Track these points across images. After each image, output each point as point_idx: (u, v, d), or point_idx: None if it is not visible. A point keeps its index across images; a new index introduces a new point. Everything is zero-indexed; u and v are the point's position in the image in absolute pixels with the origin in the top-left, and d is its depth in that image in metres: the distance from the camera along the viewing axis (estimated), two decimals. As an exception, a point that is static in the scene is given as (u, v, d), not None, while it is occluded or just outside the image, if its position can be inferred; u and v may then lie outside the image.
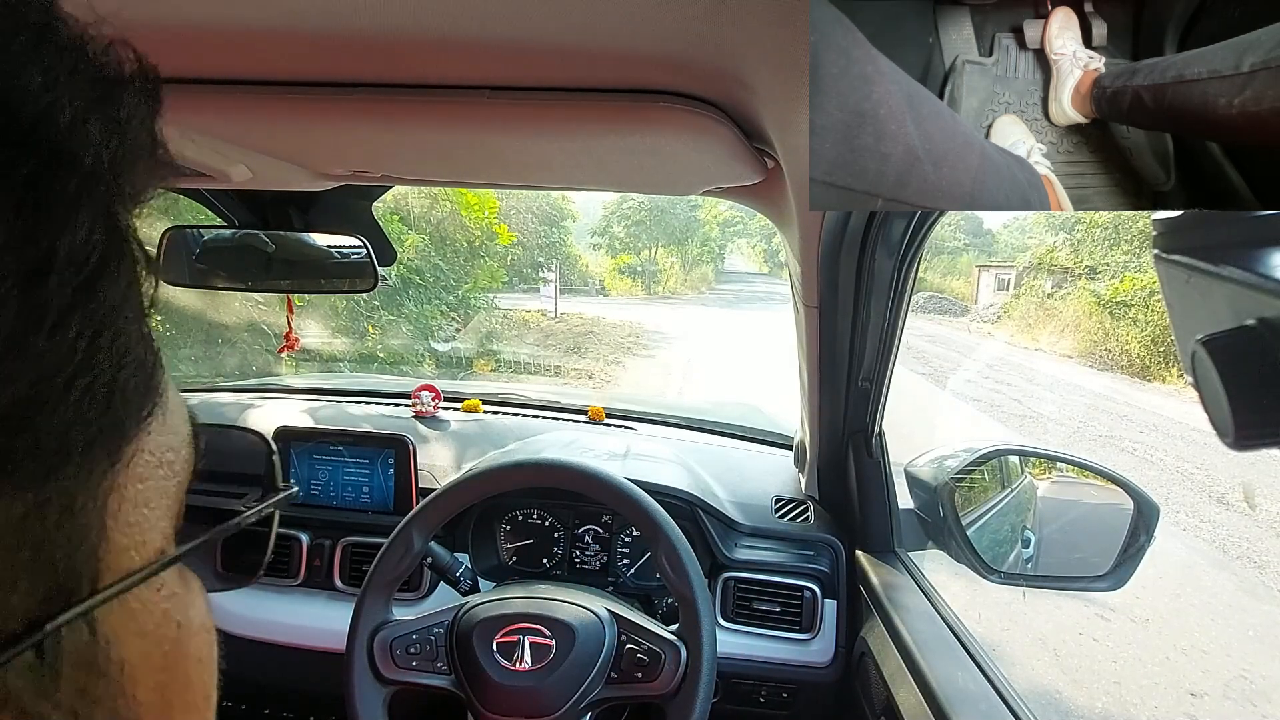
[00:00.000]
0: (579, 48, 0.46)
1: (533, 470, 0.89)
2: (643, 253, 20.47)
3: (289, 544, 1.13)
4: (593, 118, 0.56)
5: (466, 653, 0.81)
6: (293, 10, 0.43)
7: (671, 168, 0.68)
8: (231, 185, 0.84)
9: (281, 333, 1.35)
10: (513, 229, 9.79)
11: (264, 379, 1.93)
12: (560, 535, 1.17)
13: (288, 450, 1.18)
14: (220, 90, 0.55)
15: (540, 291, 12.77)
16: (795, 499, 1.17)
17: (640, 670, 0.80)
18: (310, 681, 1.10)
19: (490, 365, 7.86)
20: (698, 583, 0.81)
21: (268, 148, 0.72)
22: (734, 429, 1.49)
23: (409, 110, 0.57)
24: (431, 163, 0.75)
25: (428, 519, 0.88)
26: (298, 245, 1.13)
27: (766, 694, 1.02)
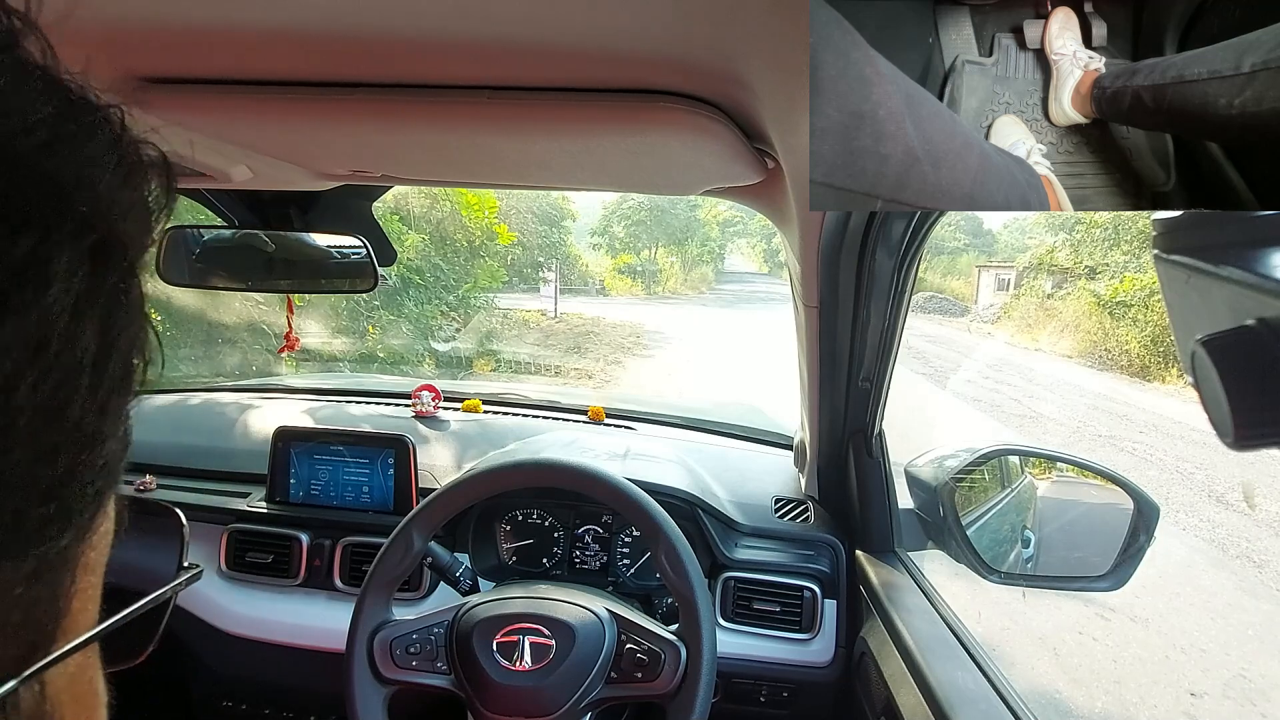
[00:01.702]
0: (579, 48, 0.46)
1: (533, 470, 0.89)
2: (643, 253, 20.47)
3: (289, 544, 1.13)
4: (593, 118, 0.56)
5: (466, 653, 0.81)
6: (293, 10, 0.43)
7: (671, 168, 0.68)
8: (232, 185, 0.84)
9: (281, 333, 1.35)
10: (513, 229, 9.79)
11: (264, 379, 1.93)
12: (560, 535, 1.17)
13: (288, 450, 1.18)
14: (220, 90, 0.55)
15: (540, 291, 12.76)
16: (795, 499, 1.17)
17: (640, 670, 0.80)
18: (310, 681, 1.10)
19: (490, 365, 7.85)
20: (698, 583, 0.81)
21: (268, 148, 0.72)
22: (734, 429, 1.49)
23: (409, 110, 0.57)
24: (431, 163, 0.75)
25: (428, 519, 0.88)
26: (298, 245, 1.13)
27: (766, 694, 1.02)
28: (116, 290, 0.17)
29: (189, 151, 0.70)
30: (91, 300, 0.16)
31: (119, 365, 0.18)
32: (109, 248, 0.17)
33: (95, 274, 0.16)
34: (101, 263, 0.17)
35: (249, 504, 1.18)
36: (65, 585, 0.18)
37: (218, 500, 1.19)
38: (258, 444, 1.26)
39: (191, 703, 1.19)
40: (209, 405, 1.50)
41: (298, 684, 1.13)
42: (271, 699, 1.18)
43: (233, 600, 1.11)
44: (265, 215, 1.10)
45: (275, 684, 1.14)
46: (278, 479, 1.18)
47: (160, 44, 0.49)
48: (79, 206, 0.16)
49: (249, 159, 0.75)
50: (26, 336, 0.14)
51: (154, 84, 0.55)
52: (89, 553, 0.19)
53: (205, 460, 1.28)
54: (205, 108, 0.58)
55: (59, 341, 0.15)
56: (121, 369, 0.18)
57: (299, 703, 1.17)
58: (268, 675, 1.13)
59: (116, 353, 0.17)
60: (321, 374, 4.64)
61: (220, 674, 1.14)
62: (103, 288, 0.17)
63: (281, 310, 1.40)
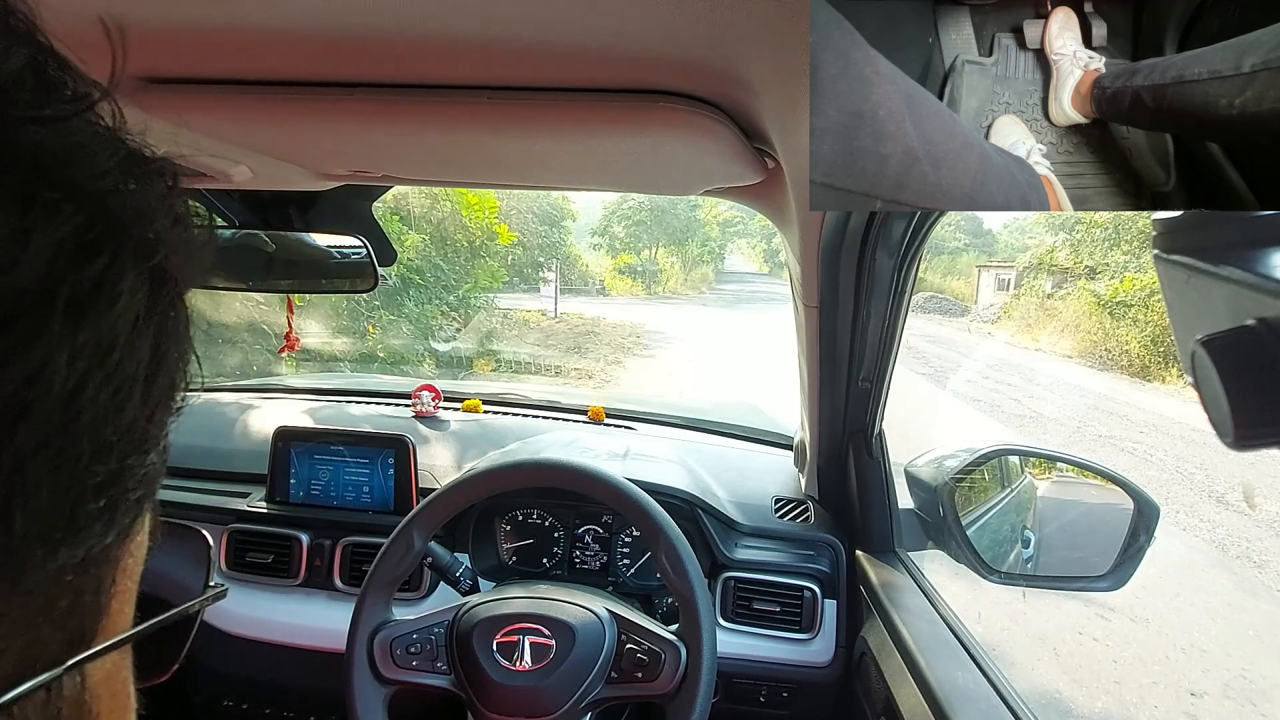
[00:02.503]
0: (579, 48, 0.46)
1: (533, 470, 0.89)
2: (643, 253, 20.46)
3: (289, 544, 1.13)
4: (593, 118, 0.56)
5: (466, 653, 0.81)
6: (293, 10, 0.43)
7: (671, 168, 0.68)
8: (232, 185, 0.84)
9: (281, 333, 1.35)
10: (513, 229, 9.78)
11: (264, 379, 1.93)
12: (560, 535, 1.17)
13: (288, 450, 1.18)
14: (220, 90, 0.55)
15: (540, 291, 12.76)
16: (795, 499, 1.17)
17: (640, 670, 0.80)
18: (310, 681, 1.10)
19: (490, 365, 7.85)
20: (698, 583, 0.81)
21: (268, 148, 0.72)
22: (734, 429, 1.49)
23: (409, 110, 0.57)
24: (431, 163, 0.75)
25: (428, 519, 0.88)
26: (298, 245, 1.13)
27: (766, 694, 1.02)
28: (168, 312, 0.20)
29: (189, 151, 0.70)
30: (148, 318, 0.19)
31: (166, 379, 0.20)
32: (164, 274, 0.20)
33: (152, 295, 0.19)
34: (158, 286, 0.19)
35: (249, 504, 1.18)
36: (107, 583, 0.20)
37: (218, 500, 1.19)
38: (258, 444, 1.26)
39: (191, 703, 1.19)
40: (209, 405, 1.50)
41: (298, 684, 1.13)
42: (271, 699, 1.18)
43: (233, 600, 1.11)
44: (265, 215, 1.10)
45: (275, 684, 1.14)
46: (278, 479, 1.18)
47: (160, 44, 0.49)
48: (143, 235, 0.19)
49: (249, 159, 0.75)
50: (98, 343, 0.17)
51: (154, 84, 0.55)
52: (127, 558, 0.21)
53: (205, 460, 1.28)
54: (205, 108, 0.58)
55: (121, 350, 0.18)
56: (168, 383, 0.20)
57: (299, 703, 1.17)
58: (268, 675, 1.13)
59: (165, 367, 0.20)
60: (321, 374, 4.63)
61: (220, 674, 1.14)
62: (157, 308, 0.19)
63: (281, 310, 1.41)
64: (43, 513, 0.16)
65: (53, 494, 0.16)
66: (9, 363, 0.15)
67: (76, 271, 0.16)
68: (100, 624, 0.20)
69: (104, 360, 0.17)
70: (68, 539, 0.17)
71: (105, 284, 0.17)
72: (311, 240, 1.12)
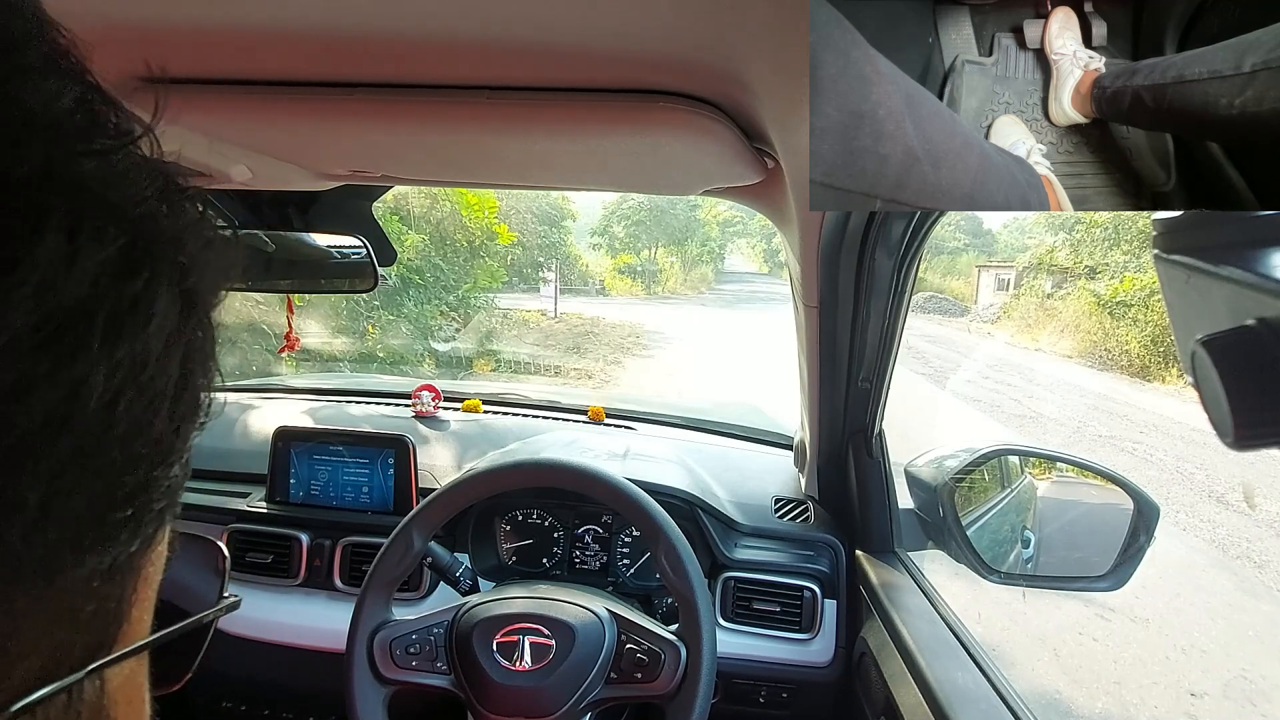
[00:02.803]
0: (579, 48, 0.46)
1: (533, 470, 0.89)
2: (643, 253, 20.46)
3: (289, 544, 1.13)
4: (593, 118, 0.56)
5: (466, 653, 0.81)
6: (293, 10, 0.43)
7: (671, 168, 0.68)
8: (232, 185, 0.84)
9: (281, 333, 1.35)
10: (513, 229, 9.78)
11: (264, 379, 1.93)
12: (560, 535, 1.17)
13: (288, 450, 1.18)
14: (220, 90, 0.55)
15: (540, 291, 12.75)
16: (795, 499, 1.17)
17: (640, 670, 0.80)
18: (310, 681, 1.10)
19: (490, 365, 7.85)
20: (698, 583, 0.81)
21: (268, 148, 0.72)
22: (734, 429, 1.49)
23: (409, 110, 0.57)
24: (431, 163, 0.75)
25: (428, 519, 0.88)
26: (298, 245, 1.13)
27: (766, 694, 1.02)
28: (196, 331, 0.21)
29: (189, 152, 0.70)
30: (179, 337, 0.20)
31: (192, 396, 0.21)
32: (195, 296, 0.21)
33: (183, 315, 0.20)
34: (188, 307, 0.20)
35: (249, 504, 1.17)
36: (129, 591, 0.20)
37: (218, 500, 1.19)
38: (257, 444, 1.26)
39: (191, 703, 1.19)
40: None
41: (298, 684, 1.13)
42: (271, 699, 1.18)
43: (233, 600, 1.11)
44: (265, 215, 1.10)
45: (275, 684, 1.14)
46: (278, 479, 1.18)
47: (160, 43, 0.49)
48: (176, 258, 0.20)
49: (249, 159, 0.75)
50: (133, 359, 0.18)
51: (154, 84, 0.55)
52: (149, 567, 0.22)
53: (205, 460, 1.28)
54: (205, 108, 0.58)
55: (153, 367, 0.18)
56: (194, 399, 0.21)
57: (299, 703, 1.17)
58: (267, 675, 1.13)
59: (191, 384, 0.21)
60: (321, 374, 4.63)
61: (220, 674, 1.14)
62: (187, 327, 0.20)
63: (281, 310, 1.40)
64: (76, 520, 0.17)
65: (86, 502, 0.17)
66: (54, 375, 0.16)
67: (117, 291, 0.17)
68: (121, 630, 0.20)
69: (138, 376, 0.18)
70: (96, 546, 0.18)
71: (142, 303, 0.18)
72: (311, 240, 1.12)
